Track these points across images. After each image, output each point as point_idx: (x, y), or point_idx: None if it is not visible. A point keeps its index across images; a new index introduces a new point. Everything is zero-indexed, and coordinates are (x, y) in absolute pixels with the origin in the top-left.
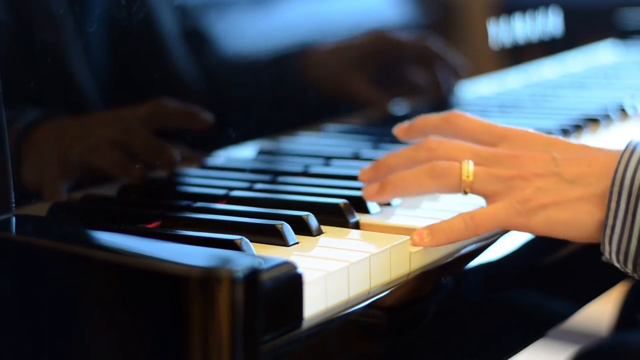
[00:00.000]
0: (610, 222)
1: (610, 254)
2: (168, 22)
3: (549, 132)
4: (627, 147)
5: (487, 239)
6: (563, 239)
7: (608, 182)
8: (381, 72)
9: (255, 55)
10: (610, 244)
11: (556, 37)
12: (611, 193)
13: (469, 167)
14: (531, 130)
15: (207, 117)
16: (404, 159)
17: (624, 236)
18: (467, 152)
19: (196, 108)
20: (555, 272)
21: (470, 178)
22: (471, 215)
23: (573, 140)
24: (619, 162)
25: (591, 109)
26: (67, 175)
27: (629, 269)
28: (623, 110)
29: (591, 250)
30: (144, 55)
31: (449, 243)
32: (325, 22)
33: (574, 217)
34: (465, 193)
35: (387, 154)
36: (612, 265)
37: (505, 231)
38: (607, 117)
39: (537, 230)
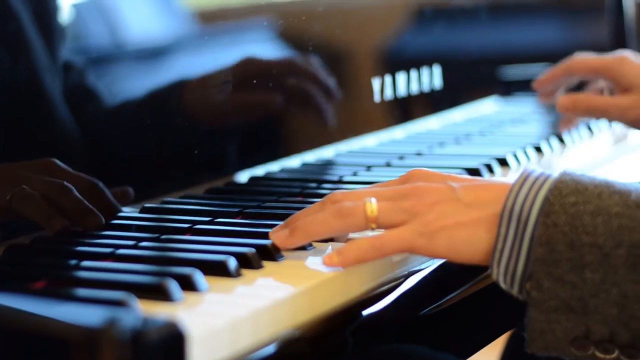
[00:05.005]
0: (499, 246)
1: (498, 276)
2: (54, 80)
3: None
4: (521, 174)
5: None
6: (460, 262)
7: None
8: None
9: (140, 114)
10: (498, 266)
11: (440, 95)
12: (501, 218)
13: (372, 204)
14: (429, 169)
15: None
16: (312, 213)
17: (511, 260)
18: (370, 195)
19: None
20: (441, 323)
21: (375, 213)
22: (378, 236)
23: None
24: (511, 189)
25: (473, 163)
26: None
27: (515, 291)
28: (505, 163)
29: (478, 300)
30: (29, 115)
31: (358, 263)
32: (209, 73)
33: (472, 237)
34: (372, 229)
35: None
36: (500, 316)
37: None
38: (489, 168)
39: (438, 251)
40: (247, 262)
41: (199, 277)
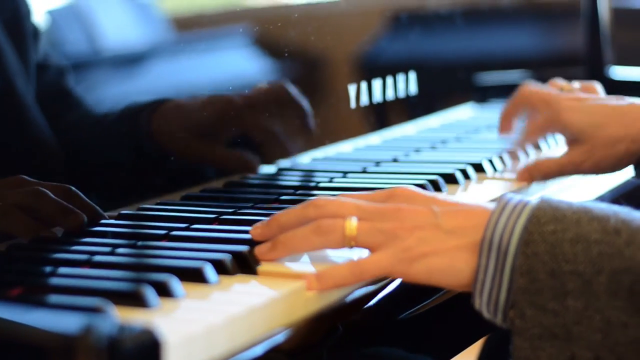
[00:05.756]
0: (480, 277)
1: (481, 306)
2: (29, 87)
3: None
4: (499, 202)
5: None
6: (440, 287)
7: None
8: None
9: (117, 120)
10: (481, 297)
11: (416, 101)
12: (481, 249)
13: (351, 222)
14: (413, 188)
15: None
16: (293, 217)
17: (493, 290)
18: (352, 209)
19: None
20: (419, 327)
21: (354, 232)
22: (357, 262)
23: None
24: (490, 218)
25: (449, 169)
26: None
27: (499, 319)
28: (481, 168)
29: (454, 305)
30: (3, 123)
31: (336, 288)
32: (185, 79)
33: (451, 265)
34: (351, 247)
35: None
36: (474, 321)
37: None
38: (464, 174)
39: (417, 277)
40: (223, 269)
41: (175, 283)
